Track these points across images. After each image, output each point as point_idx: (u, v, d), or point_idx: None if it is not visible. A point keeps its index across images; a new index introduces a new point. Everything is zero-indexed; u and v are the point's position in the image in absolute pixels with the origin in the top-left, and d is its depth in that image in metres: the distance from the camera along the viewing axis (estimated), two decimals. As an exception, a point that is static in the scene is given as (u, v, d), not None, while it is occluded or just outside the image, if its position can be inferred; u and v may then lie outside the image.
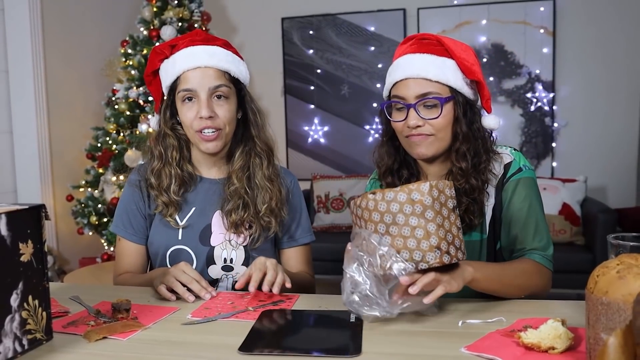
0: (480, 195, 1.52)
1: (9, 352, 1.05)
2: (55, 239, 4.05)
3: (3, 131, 3.78)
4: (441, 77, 1.47)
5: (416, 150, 1.51)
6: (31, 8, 3.77)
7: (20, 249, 1.07)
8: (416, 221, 1.14)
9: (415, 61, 1.49)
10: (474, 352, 1.05)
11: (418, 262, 1.14)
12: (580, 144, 4.77)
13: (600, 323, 0.94)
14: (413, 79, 1.48)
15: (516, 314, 1.25)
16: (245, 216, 1.63)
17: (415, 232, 1.14)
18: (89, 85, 4.41)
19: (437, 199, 1.16)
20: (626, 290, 0.91)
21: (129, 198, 1.72)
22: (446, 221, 1.17)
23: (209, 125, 1.57)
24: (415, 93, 1.47)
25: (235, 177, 1.65)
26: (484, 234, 1.56)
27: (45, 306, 1.14)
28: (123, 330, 1.20)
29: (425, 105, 1.48)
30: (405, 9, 4.97)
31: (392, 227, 1.16)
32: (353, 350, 1.08)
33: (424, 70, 1.47)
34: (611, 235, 1.18)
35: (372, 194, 1.19)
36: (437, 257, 1.14)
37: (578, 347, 1.05)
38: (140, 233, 1.71)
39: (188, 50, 1.60)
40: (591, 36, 4.69)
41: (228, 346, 1.11)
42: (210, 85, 1.58)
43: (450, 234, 1.17)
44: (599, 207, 4.05)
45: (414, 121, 1.47)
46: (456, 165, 1.51)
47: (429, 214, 1.14)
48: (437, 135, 1.49)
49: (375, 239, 1.17)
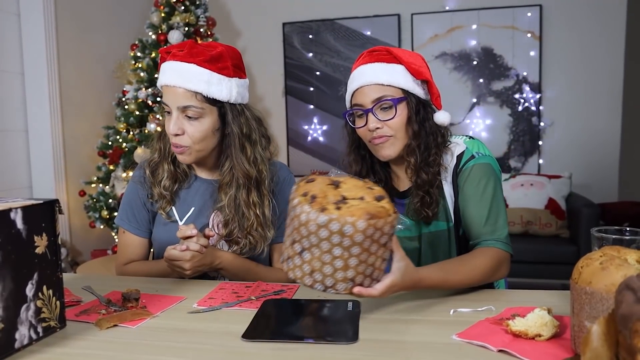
0: (432, 189, 1.54)
1: (25, 339, 1.04)
2: (68, 232, 4.05)
3: (19, 130, 3.77)
4: (392, 81, 1.51)
5: (381, 152, 1.55)
6: (46, 14, 3.76)
7: (35, 242, 1.06)
8: (340, 252, 1.03)
9: (367, 70, 1.53)
10: (464, 339, 1.05)
11: (328, 287, 1.06)
12: (565, 142, 4.78)
13: (584, 312, 0.94)
14: (367, 86, 1.52)
15: (504, 303, 1.25)
16: (235, 230, 1.61)
17: (335, 262, 1.04)
18: (100, 86, 4.41)
19: (370, 237, 1.03)
20: (609, 281, 0.91)
21: (133, 193, 1.70)
22: (371, 256, 1.06)
23: (176, 142, 1.53)
24: (371, 98, 1.51)
25: (222, 193, 1.61)
26: (450, 222, 1.57)
27: (59, 296, 1.14)
28: (132, 319, 1.20)
29: (382, 108, 1.51)
30: (399, 15, 4.97)
31: (315, 249, 1.04)
32: (351, 336, 1.08)
33: (376, 77, 1.51)
34: (594, 229, 1.18)
35: (307, 204, 1.05)
36: (348, 287, 1.07)
37: (563, 335, 1.05)
38: (144, 226, 1.70)
39: (167, 64, 1.54)
40: (575, 40, 4.69)
41: (232, 333, 1.11)
42: (179, 105, 1.51)
43: (370, 268, 1.08)
44: (583, 202, 4.06)
45: (373, 124, 1.51)
46: (407, 160, 1.55)
47: (355, 250, 1.03)
48: (395, 135, 1.52)
49: (297, 249, 1.07)
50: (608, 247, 1.02)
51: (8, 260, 0.99)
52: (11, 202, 1.05)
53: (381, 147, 1.53)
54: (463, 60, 4.87)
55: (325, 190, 1.08)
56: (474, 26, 4.82)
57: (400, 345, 1.04)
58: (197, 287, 1.46)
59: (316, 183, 1.11)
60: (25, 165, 3.83)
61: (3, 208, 0.99)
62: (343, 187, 1.11)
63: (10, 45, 3.69)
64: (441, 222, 1.57)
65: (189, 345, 1.06)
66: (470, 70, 4.88)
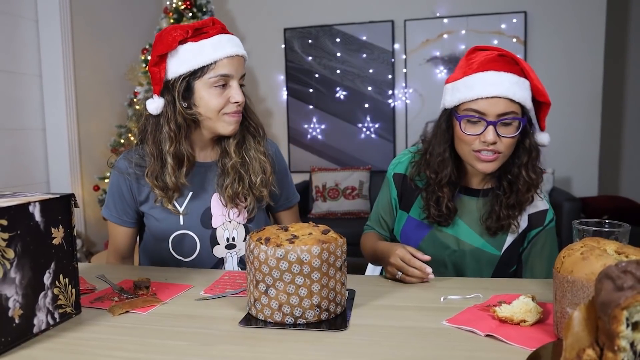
0: (516, 213, 1.49)
1: (43, 324, 1.04)
2: (83, 224, 4.04)
3: (37, 129, 3.77)
4: (522, 99, 1.37)
5: (482, 166, 1.41)
6: (62, 20, 3.75)
7: (53, 233, 1.06)
8: (302, 280, 1.05)
9: (497, 80, 1.36)
10: (454, 325, 1.05)
11: (297, 318, 1.06)
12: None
13: (566, 299, 0.94)
14: (499, 98, 1.36)
15: (491, 291, 1.25)
16: (241, 189, 1.57)
17: (300, 290, 1.05)
18: (113, 88, 4.40)
19: (326, 261, 1.06)
20: (589, 270, 0.91)
21: (117, 184, 1.59)
22: (331, 280, 1.08)
23: (239, 110, 1.52)
24: (498, 111, 1.36)
25: (233, 153, 1.57)
26: (500, 251, 1.53)
27: (75, 284, 1.14)
28: (143, 305, 1.20)
29: (504, 124, 1.37)
30: (393, 21, 4.96)
31: (279, 282, 1.05)
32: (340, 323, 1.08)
33: (508, 91, 1.35)
34: (576, 221, 1.18)
35: (263, 244, 1.07)
36: (316, 314, 1.08)
37: (546, 320, 1.05)
38: (130, 216, 1.62)
39: (224, 37, 1.50)
40: (558, 45, 4.69)
41: (236, 319, 1.11)
42: (241, 73, 1.52)
43: (333, 292, 1.09)
44: (565, 196, 4.05)
45: (492, 138, 1.36)
46: (525, 178, 1.45)
47: (315, 276, 1.05)
48: (504, 152, 1.40)
49: (262, 288, 1.08)
50: (588, 239, 1.02)
51: (27, 250, 0.99)
52: (30, 196, 1.05)
53: (486, 162, 1.40)
54: (453, 64, 4.86)
55: (276, 233, 1.12)
56: (463, 31, 4.81)
57: (393, 330, 1.04)
58: (203, 276, 1.46)
59: (267, 229, 1.16)
60: (43, 161, 3.82)
61: (22, 202, 0.99)
62: (291, 229, 1.15)
63: (29, 49, 3.68)
64: (492, 246, 1.53)
65: (196, 330, 1.06)
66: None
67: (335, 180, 4.81)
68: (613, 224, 1.15)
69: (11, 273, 0.96)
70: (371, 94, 5.09)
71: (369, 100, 5.09)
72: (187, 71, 1.47)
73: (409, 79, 5.01)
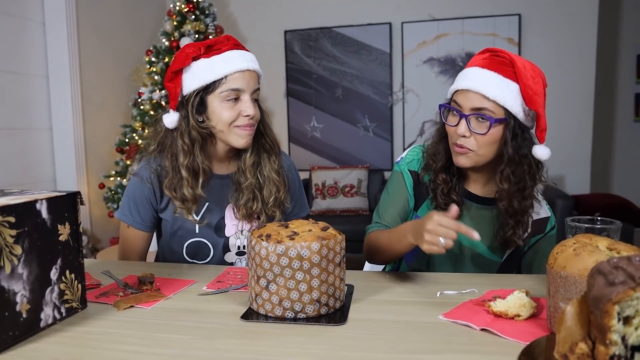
0: (523, 218, 1.44)
1: (49, 319, 1.04)
2: (89, 221, 4.04)
3: (44, 128, 3.76)
4: (498, 98, 1.32)
5: (456, 159, 1.41)
6: (68, 22, 3.74)
7: (59, 230, 1.06)
8: (302, 276, 1.05)
9: (480, 76, 1.35)
10: (450, 319, 1.05)
11: (297, 312, 1.07)
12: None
13: (559, 294, 0.94)
14: (473, 92, 1.34)
15: (487, 286, 1.25)
16: (255, 208, 1.58)
17: (300, 286, 1.06)
18: (118, 88, 4.39)
19: (326, 257, 1.07)
20: (581, 266, 0.91)
21: (139, 190, 1.58)
22: (330, 276, 1.09)
23: (251, 123, 1.52)
24: (471, 105, 1.35)
25: (248, 173, 1.58)
26: (501, 258, 1.52)
27: (81, 279, 1.13)
28: (147, 300, 1.20)
29: (478, 120, 1.35)
30: (390, 23, 4.95)
31: (279, 278, 1.06)
32: (339, 318, 1.08)
33: (485, 87, 1.33)
34: (569, 218, 1.18)
35: (264, 240, 1.08)
36: (315, 309, 1.08)
37: (540, 315, 1.05)
38: (148, 222, 1.61)
39: (235, 52, 1.51)
40: (551, 46, 4.69)
41: (238, 313, 1.11)
42: (254, 87, 1.52)
43: (332, 287, 1.09)
44: (558, 194, 4.05)
45: (463, 130, 1.36)
46: (500, 186, 1.40)
47: (315, 271, 1.06)
48: (477, 151, 1.37)
49: (263, 284, 1.08)
50: (581, 235, 1.02)
51: (34, 247, 0.99)
52: (37, 194, 1.05)
53: (458, 155, 1.40)
54: (449, 65, 4.86)
55: (277, 230, 1.13)
56: (459, 34, 4.81)
57: (391, 324, 1.04)
58: (206, 271, 1.46)
59: (268, 226, 1.16)
60: (49, 160, 3.82)
61: (30, 199, 0.98)
62: (292, 226, 1.16)
63: (36, 51, 3.68)
64: (497, 255, 1.51)
65: (198, 324, 1.06)
66: (455, 73, 4.82)
67: (335, 178, 4.81)
68: (605, 221, 1.15)
69: (19, 269, 0.96)
70: (369, 94, 5.09)
71: (367, 101, 5.09)
72: (200, 86, 1.48)
73: (406, 79, 5.00)
